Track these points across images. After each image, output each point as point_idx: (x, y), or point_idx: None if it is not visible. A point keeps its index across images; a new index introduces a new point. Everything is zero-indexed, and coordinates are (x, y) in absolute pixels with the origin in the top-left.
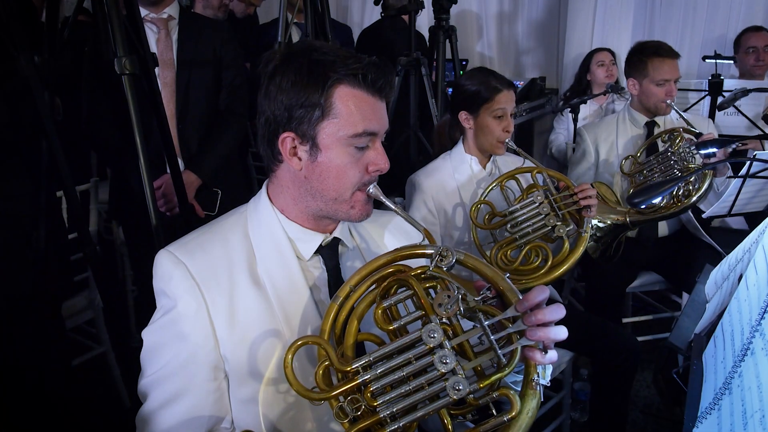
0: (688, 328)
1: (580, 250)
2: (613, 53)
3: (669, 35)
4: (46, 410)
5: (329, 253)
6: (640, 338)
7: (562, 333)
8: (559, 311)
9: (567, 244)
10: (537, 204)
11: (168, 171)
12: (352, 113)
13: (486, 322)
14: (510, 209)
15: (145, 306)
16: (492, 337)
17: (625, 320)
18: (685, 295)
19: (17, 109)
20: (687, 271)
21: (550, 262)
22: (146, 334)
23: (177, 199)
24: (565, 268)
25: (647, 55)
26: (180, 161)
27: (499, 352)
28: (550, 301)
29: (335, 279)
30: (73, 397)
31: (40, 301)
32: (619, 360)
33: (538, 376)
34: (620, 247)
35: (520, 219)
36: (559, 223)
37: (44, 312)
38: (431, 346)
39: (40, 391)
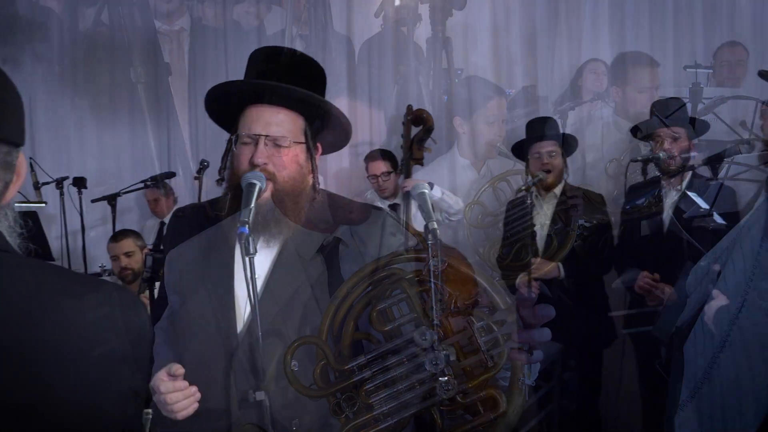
0: (670, 321)
1: (568, 246)
2: (606, 65)
3: (655, 46)
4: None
5: (330, 252)
6: (624, 331)
7: (546, 335)
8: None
9: (555, 242)
10: (527, 204)
11: (180, 174)
12: None
13: (475, 325)
14: (501, 209)
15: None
16: (480, 340)
17: (610, 314)
18: None
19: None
20: (669, 268)
21: (539, 259)
22: (158, 328)
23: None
24: (553, 264)
25: (629, 64)
26: (191, 164)
27: (487, 354)
28: (541, 298)
29: (335, 277)
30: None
31: None
32: (606, 351)
33: (524, 377)
34: (606, 244)
35: (511, 218)
36: (547, 222)
37: None
38: (423, 347)
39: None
